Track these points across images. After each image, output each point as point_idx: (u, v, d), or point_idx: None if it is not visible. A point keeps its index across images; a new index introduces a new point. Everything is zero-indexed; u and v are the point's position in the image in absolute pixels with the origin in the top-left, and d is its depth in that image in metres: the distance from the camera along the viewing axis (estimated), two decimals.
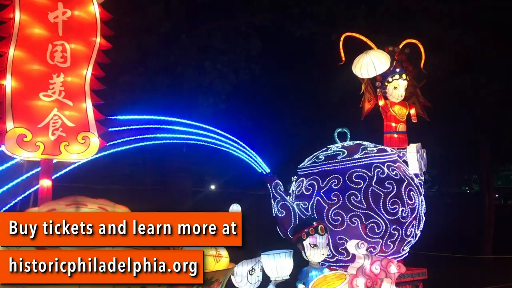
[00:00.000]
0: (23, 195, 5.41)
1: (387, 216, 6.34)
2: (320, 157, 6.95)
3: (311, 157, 7.17)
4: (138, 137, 6.31)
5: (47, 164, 4.99)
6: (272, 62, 13.70)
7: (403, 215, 6.46)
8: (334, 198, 6.43)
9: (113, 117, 5.91)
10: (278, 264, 5.29)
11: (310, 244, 5.85)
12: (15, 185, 5.40)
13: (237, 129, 7.46)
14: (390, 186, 6.44)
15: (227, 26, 12.39)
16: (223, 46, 12.08)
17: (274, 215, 6.59)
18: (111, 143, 5.82)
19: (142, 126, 6.41)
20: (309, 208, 6.56)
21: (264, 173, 6.71)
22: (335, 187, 6.47)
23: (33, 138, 4.76)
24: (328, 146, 7.21)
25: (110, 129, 5.74)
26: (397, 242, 6.51)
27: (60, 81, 5.02)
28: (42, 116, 4.89)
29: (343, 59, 7.60)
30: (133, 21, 10.32)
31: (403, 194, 6.52)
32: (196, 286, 3.58)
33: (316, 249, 5.84)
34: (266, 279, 5.40)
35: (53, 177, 5.11)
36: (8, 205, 5.28)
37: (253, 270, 5.15)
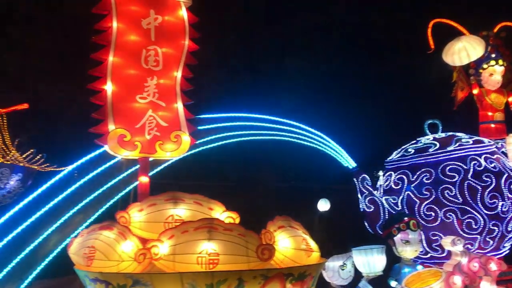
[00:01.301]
0: (124, 191, 5.79)
1: (485, 211, 6.00)
2: (409, 150, 6.72)
3: (399, 150, 6.95)
4: (225, 134, 6.52)
5: (144, 162, 5.27)
6: (355, 54, 13.40)
7: (503, 210, 6.08)
8: (426, 193, 6.19)
9: (201, 116, 6.14)
10: (369, 259, 5.20)
11: (401, 240, 5.67)
12: (116, 182, 5.81)
13: (320, 124, 7.40)
14: (488, 179, 6.09)
15: (308, 19, 12.31)
16: (304, 40, 12.02)
17: (362, 210, 6.48)
18: (200, 141, 6.06)
19: (228, 124, 6.62)
20: (399, 203, 6.37)
21: (350, 167, 6.61)
22: (426, 181, 6.23)
23: (132, 138, 5.04)
24: (417, 139, 6.95)
25: (199, 128, 5.97)
26: (496, 239, 6.14)
27: (154, 84, 5.27)
28: (139, 117, 5.17)
29: (432, 46, 7.27)
30: (215, 20, 10.59)
31: (503, 187, 6.13)
32: (290, 279, 3.63)
33: (408, 245, 5.65)
34: (359, 275, 5.34)
35: (149, 174, 5.41)
36: (111, 200, 5.67)
37: (345, 265, 5.10)
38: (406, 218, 5.77)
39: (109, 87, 5.07)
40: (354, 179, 6.59)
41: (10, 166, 5.30)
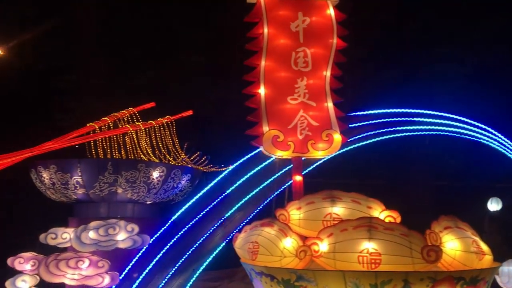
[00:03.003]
0: (278, 191, 6.02)
1: None
2: None
3: None
4: (376, 131, 6.35)
5: (297, 162, 5.40)
6: None
7: None
8: None
9: (352, 114, 6.08)
10: None
11: None
12: (271, 181, 6.06)
13: (482, 116, 6.76)
14: None
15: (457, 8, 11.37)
16: (456, 26, 11.11)
17: None
18: (352, 139, 6.00)
19: (379, 121, 6.44)
20: None
21: None
22: None
23: (285, 138, 5.21)
24: None
25: (350, 125, 5.91)
26: None
27: (304, 85, 5.38)
28: (291, 118, 5.31)
29: None
30: (361, 15, 10.37)
31: None
32: (462, 283, 3.39)
33: None
34: None
35: (303, 173, 5.53)
36: (268, 199, 5.92)
37: None
38: None
39: (262, 91, 5.32)
40: None
41: (181, 167, 5.92)
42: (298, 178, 5.33)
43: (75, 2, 13.16)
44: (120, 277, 5.29)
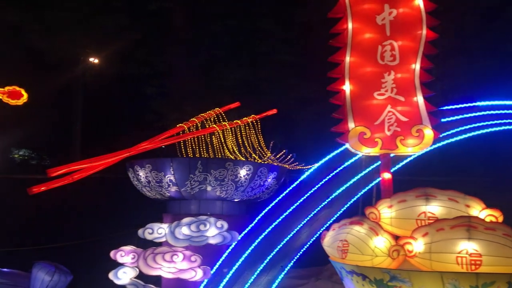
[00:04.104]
0: (365, 189, 5.89)
1: None
2: None
3: None
4: (471, 126, 5.99)
5: (385, 158, 5.26)
6: None
7: None
8: None
9: (444, 108, 5.79)
10: None
11: None
12: (356, 180, 5.94)
13: None
14: None
15: None
16: None
17: None
18: (444, 134, 5.71)
19: (474, 114, 6.06)
20: None
21: None
22: None
23: (372, 135, 5.09)
24: None
25: (442, 120, 5.64)
26: None
27: (391, 79, 5.22)
28: (378, 114, 5.19)
29: None
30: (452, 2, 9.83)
31: None
32: None
33: None
34: None
35: (391, 170, 5.36)
36: (355, 197, 5.82)
37: None
38: None
39: (347, 87, 5.25)
40: None
41: (267, 165, 6.02)
42: (387, 175, 5.19)
43: (162, 11, 13.81)
44: (212, 272, 5.48)
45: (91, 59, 14.83)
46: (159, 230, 5.64)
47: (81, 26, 13.31)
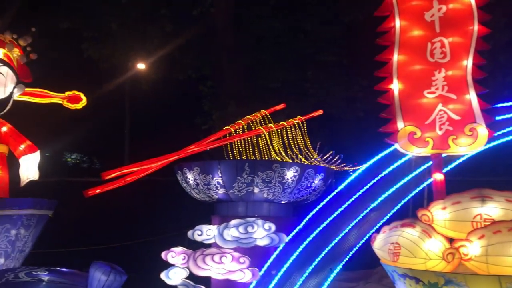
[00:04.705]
0: (416, 190, 5.74)
1: None
2: None
3: None
4: None
5: (437, 159, 5.11)
6: None
7: None
8: None
9: (499, 105, 5.57)
10: None
11: None
12: (406, 181, 5.81)
13: None
14: None
15: None
16: None
17: None
18: (499, 132, 5.49)
19: None
20: None
21: None
22: None
23: (422, 135, 4.96)
24: None
25: (497, 118, 5.43)
26: None
27: (442, 76, 5.08)
28: (428, 113, 5.05)
29: None
30: None
31: None
32: None
33: None
34: None
35: (444, 171, 5.21)
36: (405, 198, 5.69)
37: None
38: None
39: (395, 86, 5.14)
40: None
41: (314, 167, 6.00)
42: (439, 176, 5.03)
43: (206, 16, 14.02)
44: (260, 273, 5.51)
45: (139, 65, 15.31)
46: (208, 232, 5.73)
47: (129, 33, 13.78)
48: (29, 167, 5.76)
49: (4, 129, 5.73)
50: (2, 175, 5.66)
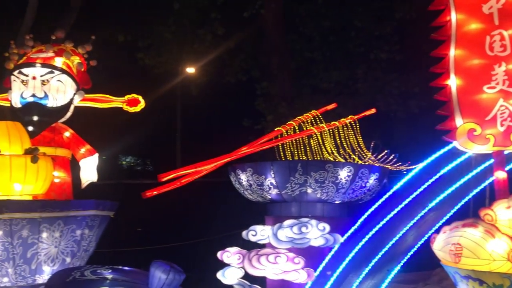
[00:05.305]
0: (476, 189, 5.53)
1: None
2: None
3: None
4: None
5: (500, 156, 4.90)
6: None
7: None
8: None
9: None
10: None
11: None
12: (466, 180, 5.60)
13: None
14: None
15: None
16: None
17: None
18: None
19: None
20: None
21: None
22: None
23: (483, 132, 4.79)
24: None
25: None
26: None
27: (502, 71, 4.87)
28: (488, 109, 4.86)
29: None
30: None
31: None
32: None
33: None
34: None
35: (506, 168, 4.99)
36: (465, 198, 5.50)
37: None
38: None
39: (453, 82, 4.98)
40: None
41: (368, 166, 5.91)
42: (501, 174, 4.82)
43: (256, 17, 14.16)
44: (315, 274, 5.50)
45: (189, 69, 15.67)
46: (262, 232, 5.79)
47: (181, 39, 14.15)
48: (89, 169, 6.05)
49: (67, 134, 6.03)
50: (66, 178, 5.97)
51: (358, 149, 7.13)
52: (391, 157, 7.50)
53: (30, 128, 5.51)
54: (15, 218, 4.56)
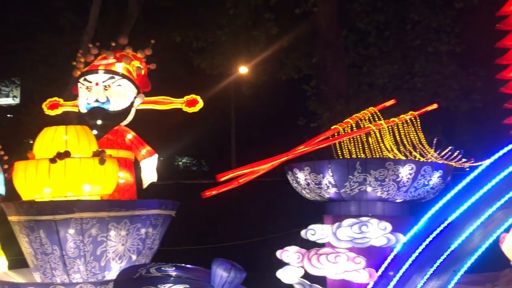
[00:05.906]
0: None
1: None
2: None
3: None
4: None
5: None
6: None
7: None
8: None
9: None
10: None
11: None
12: None
13: None
14: None
15: None
16: None
17: None
18: None
19: None
20: None
21: None
22: None
23: None
24: None
25: None
26: None
27: None
28: None
29: None
30: None
31: None
32: None
33: None
34: None
35: None
36: None
37: None
38: None
39: None
40: None
41: (431, 164, 5.71)
42: None
43: (308, 15, 14.08)
44: (377, 274, 5.39)
45: (243, 69, 15.83)
46: (321, 231, 5.74)
47: (235, 40, 14.33)
48: (149, 170, 6.26)
49: (129, 136, 6.27)
50: (130, 179, 6.21)
51: (420, 146, 6.90)
52: (456, 153, 7.17)
53: (95, 132, 5.77)
54: (85, 217, 4.80)
